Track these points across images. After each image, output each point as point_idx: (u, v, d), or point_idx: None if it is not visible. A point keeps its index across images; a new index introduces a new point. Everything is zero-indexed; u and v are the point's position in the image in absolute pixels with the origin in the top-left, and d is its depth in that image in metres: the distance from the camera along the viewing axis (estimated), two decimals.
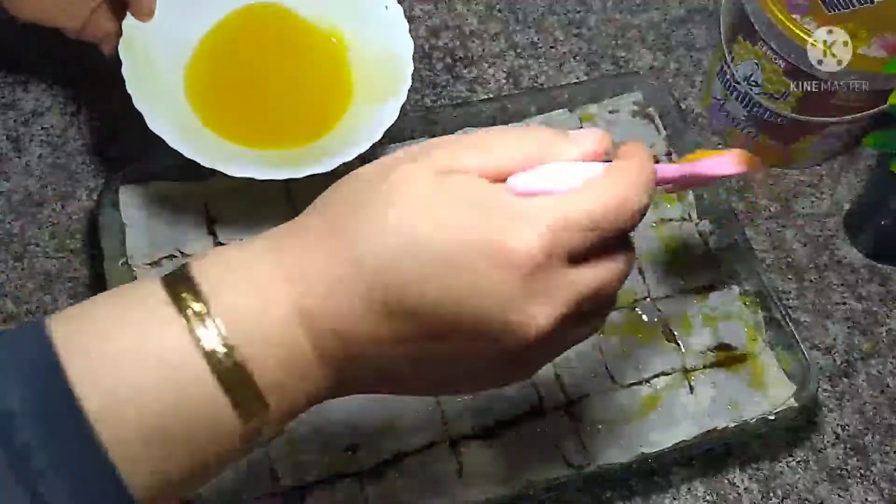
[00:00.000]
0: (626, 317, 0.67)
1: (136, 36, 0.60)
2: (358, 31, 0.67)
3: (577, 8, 0.89)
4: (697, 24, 0.90)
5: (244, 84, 0.65)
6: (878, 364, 0.72)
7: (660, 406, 0.63)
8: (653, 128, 0.76)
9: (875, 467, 0.67)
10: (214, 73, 0.64)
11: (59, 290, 0.66)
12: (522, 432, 0.61)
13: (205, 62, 0.64)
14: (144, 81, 0.59)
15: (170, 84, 0.62)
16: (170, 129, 0.57)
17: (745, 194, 0.79)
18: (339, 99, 0.65)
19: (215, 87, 0.64)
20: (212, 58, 0.65)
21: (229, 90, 0.64)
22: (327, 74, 0.66)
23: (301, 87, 0.66)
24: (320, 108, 0.65)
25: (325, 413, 0.60)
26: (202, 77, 0.64)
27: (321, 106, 0.65)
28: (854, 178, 0.82)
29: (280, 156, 0.61)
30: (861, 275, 0.76)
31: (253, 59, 0.66)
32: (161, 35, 0.62)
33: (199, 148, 0.57)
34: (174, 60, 0.63)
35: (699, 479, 0.65)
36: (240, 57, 0.66)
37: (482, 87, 0.82)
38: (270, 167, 0.58)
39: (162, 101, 0.59)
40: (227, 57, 0.65)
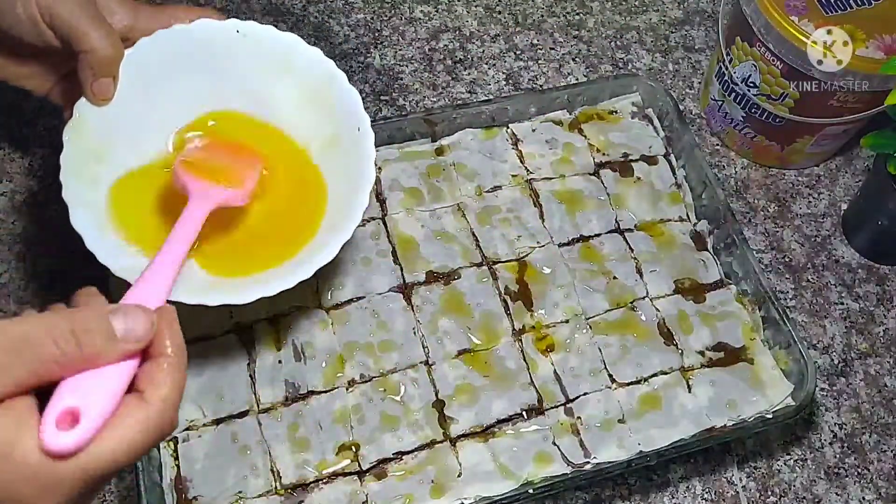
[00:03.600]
0: (624, 316, 0.67)
1: (91, 122, 0.53)
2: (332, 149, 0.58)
3: (576, 10, 0.90)
4: (696, 26, 0.90)
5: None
6: (875, 363, 0.72)
7: (658, 405, 0.63)
8: (651, 129, 0.77)
9: (872, 466, 0.68)
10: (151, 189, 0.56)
11: (61, 290, 0.67)
12: (522, 431, 0.62)
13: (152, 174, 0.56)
14: (84, 174, 0.53)
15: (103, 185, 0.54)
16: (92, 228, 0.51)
17: (744, 195, 0.80)
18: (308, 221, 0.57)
19: (146, 203, 0.55)
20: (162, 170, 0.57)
21: (163, 209, 0.55)
22: (294, 205, 0.58)
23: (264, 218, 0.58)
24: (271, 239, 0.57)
25: (325, 412, 0.61)
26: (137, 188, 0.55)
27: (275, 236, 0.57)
28: (851, 179, 0.82)
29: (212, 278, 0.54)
30: (858, 275, 0.77)
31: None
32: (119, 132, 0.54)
33: (113, 255, 0.51)
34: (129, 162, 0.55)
35: (697, 478, 0.66)
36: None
37: (482, 89, 0.83)
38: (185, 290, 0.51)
39: (95, 200, 0.53)
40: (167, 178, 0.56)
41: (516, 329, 0.66)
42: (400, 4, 0.87)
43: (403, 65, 0.83)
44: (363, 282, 0.66)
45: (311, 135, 0.59)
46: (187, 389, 0.60)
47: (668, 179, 0.75)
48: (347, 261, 0.67)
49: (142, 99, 0.55)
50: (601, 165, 0.74)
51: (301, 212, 0.57)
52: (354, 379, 0.62)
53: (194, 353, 0.62)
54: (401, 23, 0.86)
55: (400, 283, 0.66)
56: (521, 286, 0.68)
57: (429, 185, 0.71)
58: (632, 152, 0.75)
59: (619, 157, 0.75)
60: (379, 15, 0.86)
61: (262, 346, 0.63)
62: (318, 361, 0.62)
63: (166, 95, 0.57)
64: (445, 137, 0.74)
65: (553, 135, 0.75)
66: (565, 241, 0.70)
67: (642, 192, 0.73)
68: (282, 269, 0.54)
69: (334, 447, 0.60)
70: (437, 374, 0.63)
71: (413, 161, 0.72)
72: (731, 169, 0.82)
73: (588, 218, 0.71)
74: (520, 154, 0.74)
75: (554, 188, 0.72)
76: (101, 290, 0.66)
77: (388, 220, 0.69)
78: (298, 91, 0.59)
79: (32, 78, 0.58)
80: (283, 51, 0.58)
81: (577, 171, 0.74)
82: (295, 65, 0.58)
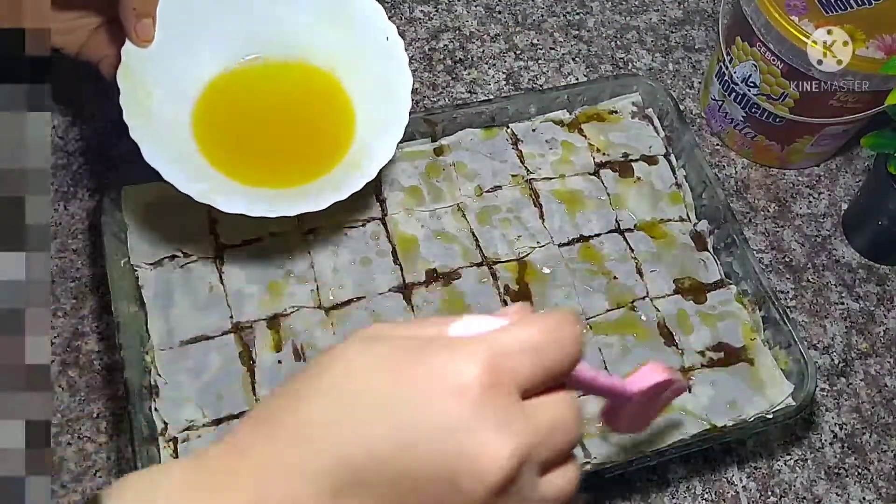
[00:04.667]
0: (625, 316, 0.67)
1: (135, 64, 0.58)
2: (357, 64, 0.65)
3: (576, 10, 0.90)
4: (696, 25, 0.90)
5: (246, 124, 0.64)
6: (876, 363, 0.72)
7: None
8: (651, 129, 0.77)
9: (872, 466, 0.68)
10: (218, 112, 0.63)
11: (61, 290, 0.67)
12: None
13: (208, 100, 0.63)
14: (142, 112, 0.57)
15: (168, 116, 0.60)
16: (165, 161, 0.55)
17: (744, 195, 0.80)
18: (340, 138, 0.64)
19: (217, 125, 0.62)
20: (216, 97, 0.63)
21: (231, 129, 0.63)
22: (329, 116, 0.65)
23: (303, 130, 0.65)
24: (321, 147, 0.64)
25: None
26: (205, 113, 0.62)
27: (322, 146, 0.64)
28: (851, 179, 0.82)
29: (276, 194, 0.59)
30: (858, 275, 0.77)
31: (257, 102, 0.65)
32: (162, 67, 0.59)
33: (194, 181, 0.56)
34: (175, 94, 0.61)
35: (698, 478, 0.65)
36: (244, 100, 0.64)
37: (482, 89, 0.83)
38: (264, 204, 0.57)
39: (159, 133, 0.58)
40: (231, 98, 0.64)
41: None
42: (400, 4, 0.87)
43: None
44: (363, 282, 0.66)
45: (335, 55, 0.65)
46: (186, 390, 0.60)
47: (669, 179, 0.75)
48: (347, 261, 0.67)
49: (178, 35, 0.60)
50: (601, 165, 0.74)
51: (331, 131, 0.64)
52: None
53: (194, 354, 0.62)
54: (401, 23, 0.86)
55: (400, 283, 0.66)
56: (522, 286, 0.67)
57: (429, 185, 0.71)
58: (632, 152, 0.75)
59: (620, 156, 0.75)
60: None
61: (262, 347, 0.62)
62: None
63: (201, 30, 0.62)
64: (445, 137, 0.74)
65: (553, 135, 0.75)
66: (565, 241, 0.70)
67: (642, 192, 0.73)
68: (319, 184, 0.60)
69: None
70: None
71: (413, 161, 0.72)
72: (732, 169, 0.82)
73: (588, 218, 0.71)
74: (520, 154, 0.74)
75: (554, 188, 0.72)
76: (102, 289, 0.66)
77: (388, 220, 0.69)
78: (316, 14, 0.64)
79: (66, 34, 0.59)
80: None
81: (577, 171, 0.74)
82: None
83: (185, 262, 0.65)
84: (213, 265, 0.65)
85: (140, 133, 0.55)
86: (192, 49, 0.62)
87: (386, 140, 0.61)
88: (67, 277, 0.67)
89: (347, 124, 0.64)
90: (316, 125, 0.65)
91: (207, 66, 0.63)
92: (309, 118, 0.65)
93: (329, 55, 0.65)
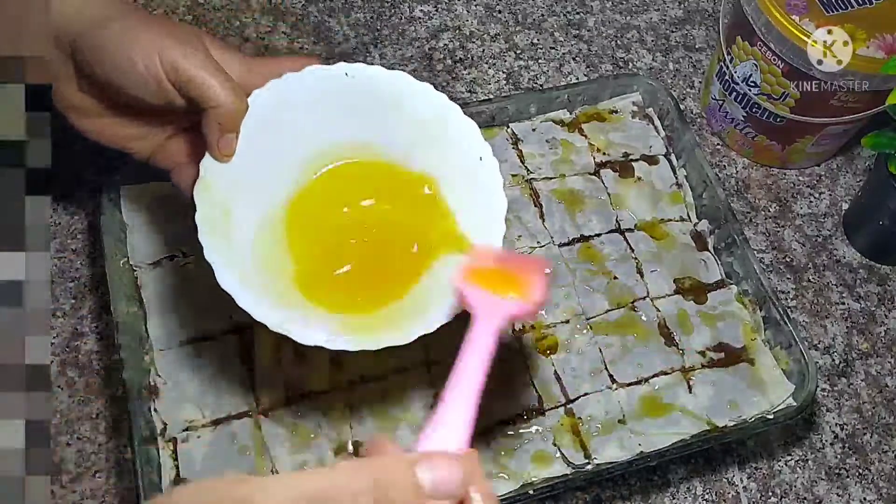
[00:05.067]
0: (625, 317, 0.67)
1: (215, 180, 0.53)
2: (451, 181, 0.58)
3: (576, 9, 0.90)
4: (696, 25, 0.90)
5: (329, 246, 0.57)
6: (877, 364, 0.72)
7: (659, 405, 0.63)
8: (652, 128, 0.77)
9: (873, 466, 0.68)
10: (299, 233, 0.57)
11: (61, 290, 0.67)
12: (522, 432, 0.61)
13: (290, 219, 0.57)
14: (218, 230, 0.52)
15: (245, 237, 0.54)
16: (239, 285, 0.50)
17: (744, 195, 0.80)
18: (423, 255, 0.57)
19: (298, 248, 0.56)
20: (298, 215, 0.57)
21: (313, 251, 0.56)
22: (429, 229, 0.57)
23: (393, 243, 0.57)
24: (406, 265, 0.57)
25: (325, 413, 0.61)
26: (285, 234, 0.56)
27: (404, 267, 0.57)
28: (852, 179, 0.82)
29: (357, 320, 0.54)
30: (859, 275, 0.77)
31: (343, 219, 0.58)
32: (244, 184, 0.54)
33: (270, 308, 0.51)
34: (253, 210, 0.55)
35: (698, 478, 0.65)
36: (328, 217, 0.57)
37: (482, 88, 0.82)
38: (346, 334, 0.51)
39: (235, 255, 0.52)
40: (314, 216, 0.57)
41: (516, 329, 0.65)
42: (400, 4, 0.87)
43: (403, 64, 0.83)
44: None
45: (430, 170, 0.58)
46: (186, 390, 0.60)
47: (669, 179, 0.74)
48: None
49: (260, 151, 0.54)
50: (601, 165, 0.74)
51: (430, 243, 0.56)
52: (354, 379, 0.62)
53: (194, 354, 0.62)
54: (401, 22, 0.86)
55: None
56: None
57: None
58: (632, 152, 0.75)
59: (620, 156, 0.75)
60: (379, 14, 0.86)
61: (262, 347, 0.62)
62: (317, 362, 0.62)
63: (284, 145, 0.56)
64: None
65: (553, 134, 0.75)
66: (565, 241, 0.70)
67: (643, 191, 0.73)
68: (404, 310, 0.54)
69: (334, 448, 0.60)
70: (437, 375, 0.63)
71: None
72: (732, 169, 0.82)
73: (588, 218, 0.71)
74: (520, 154, 0.74)
75: (554, 188, 0.72)
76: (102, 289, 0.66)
77: None
78: (411, 128, 0.58)
79: (139, 140, 0.56)
80: (393, 90, 0.57)
81: (578, 170, 0.74)
82: (406, 102, 0.57)
83: (185, 262, 0.65)
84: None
85: (215, 255, 0.50)
86: (277, 166, 0.56)
87: None
88: (67, 277, 0.67)
89: (445, 238, 0.57)
90: (409, 236, 0.57)
91: (291, 182, 0.57)
92: (402, 224, 0.58)
93: (424, 168, 0.59)
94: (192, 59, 0.49)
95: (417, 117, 0.57)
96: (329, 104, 0.57)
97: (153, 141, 0.56)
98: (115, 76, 0.50)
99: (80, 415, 0.62)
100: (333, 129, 0.57)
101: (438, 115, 0.57)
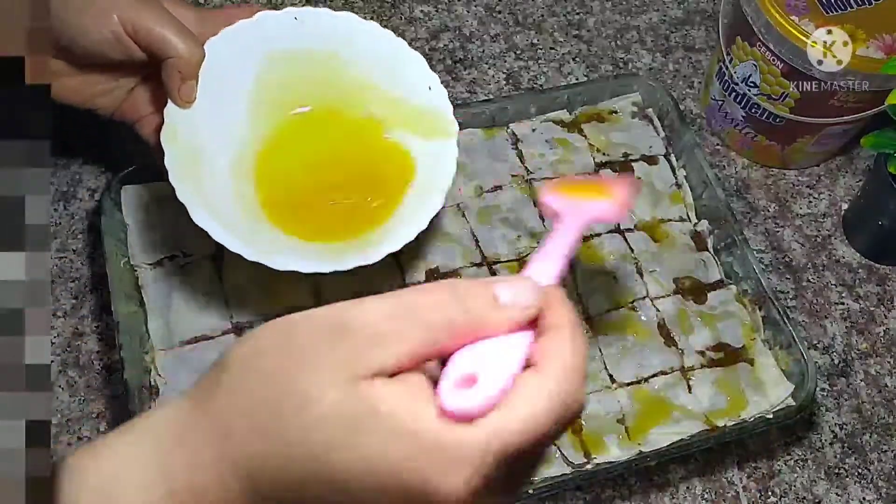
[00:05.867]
0: (624, 317, 0.67)
1: (179, 125, 0.56)
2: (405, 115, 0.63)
3: (576, 10, 0.90)
4: (696, 25, 0.90)
5: (297, 178, 0.61)
6: (876, 363, 0.72)
7: (658, 405, 0.63)
8: (651, 129, 0.77)
9: (873, 466, 0.68)
10: (267, 168, 0.61)
11: (61, 290, 0.67)
12: None
13: (256, 157, 0.61)
14: (188, 172, 0.55)
15: (215, 175, 0.58)
16: (215, 222, 0.54)
17: (744, 195, 0.80)
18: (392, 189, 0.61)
19: (267, 181, 0.60)
20: (264, 153, 0.61)
21: (281, 184, 0.60)
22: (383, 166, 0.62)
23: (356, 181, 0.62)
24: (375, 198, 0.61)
25: None
26: (253, 170, 0.60)
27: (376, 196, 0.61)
28: (851, 179, 0.82)
29: (329, 248, 0.58)
30: (858, 275, 0.77)
31: (307, 156, 0.62)
32: (206, 126, 0.58)
33: (244, 241, 0.54)
34: (220, 153, 0.59)
35: (698, 478, 0.65)
36: (293, 154, 0.62)
37: (482, 89, 0.82)
38: (316, 260, 0.55)
39: (206, 193, 0.56)
40: (279, 153, 0.61)
41: None
42: (400, 4, 0.87)
43: None
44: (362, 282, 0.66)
45: (384, 106, 0.63)
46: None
47: (669, 179, 0.75)
48: None
49: (220, 97, 0.58)
50: (601, 165, 0.74)
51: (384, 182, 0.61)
52: None
53: (194, 354, 0.62)
54: (401, 22, 0.86)
55: (400, 283, 0.66)
56: None
57: None
58: (632, 152, 0.75)
59: (620, 157, 0.75)
60: (379, 15, 0.86)
61: None
62: None
63: (243, 89, 0.60)
64: None
65: (553, 135, 0.75)
66: None
67: (643, 192, 0.73)
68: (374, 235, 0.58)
69: None
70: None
71: None
72: (732, 169, 0.82)
73: None
74: (520, 154, 0.74)
75: None
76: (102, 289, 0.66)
77: None
78: (362, 65, 0.62)
79: (104, 96, 0.59)
80: (342, 30, 0.62)
81: (578, 171, 0.74)
82: (355, 40, 0.62)
83: (185, 262, 0.65)
84: (212, 265, 0.65)
85: (188, 195, 0.54)
86: (239, 108, 0.60)
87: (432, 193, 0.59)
88: (67, 277, 0.67)
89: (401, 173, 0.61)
90: (369, 176, 0.62)
91: (254, 123, 0.61)
92: (362, 169, 0.62)
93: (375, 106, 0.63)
94: (149, 13, 0.53)
95: (367, 55, 0.62)
96: (281, 48, 0.61)
97: (117, 95, 0.59)
98: (76, 38, 0.53)
99: (80, 415, 0.62)
100: (287, 71, 0.62)
101: (387, 50, 0.62)
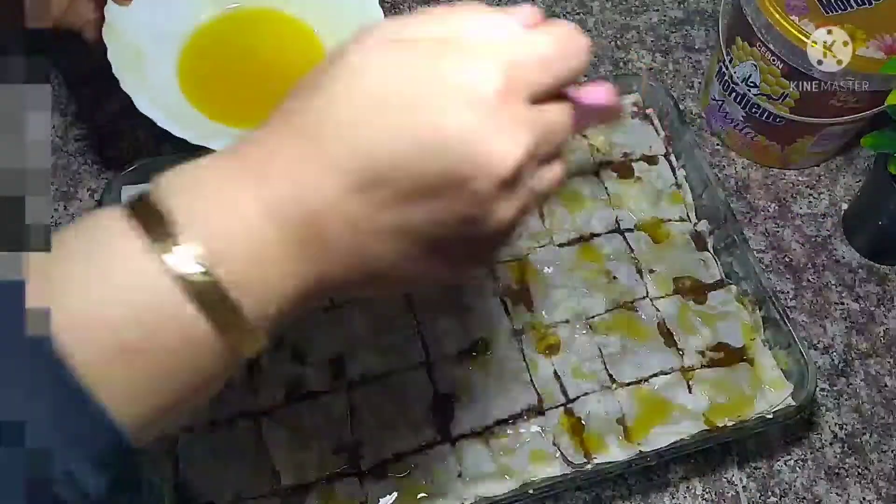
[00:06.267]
0: (625, 316, 0.67)
1: (119, 23, 0.62)
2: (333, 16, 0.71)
3: (576, 10, 0.90)
4: (696, 25, 0.90)
5: (228, 71, 0.69)
6: (876, 364, 0.72)
7: (658, 405, 0.63)
8: (651, 129, 0.77)
9: (872, 466, 0.68)
10: (201, 60, 0.68)
11: None
12: (522, 431, 0.61)
13: (192, 50, 0.68)
14: (131, 66, 0.61)
15: (157, 68, 0.64)
16: (158, 109, 0.59)
17: (744, 195, 0.80)
18: None
19: (202, 72, 0.67)
20: (199, 46, 0.69)
21: (214, 76, 0.68)
22: (306, 59, 0.69)
23: (282, 72, 0.69)
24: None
25: (325, 413, 0.61)
26: (189, 62, 0.68)
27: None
28: (851, 179, 0.82)
29: None
30: (859, 275, 0.77)
31: (237, 50, 0.70)
32: (145, 23, 0.65)
33: (187, 126, 0.59)
34: (160, 47, 0.66)
35: (698, 478, 0.65)
36: (225, 48, 0.70)
37: None
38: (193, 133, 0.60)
39: (149, 84, 0.62)
40: (212, 47, 0.69)
41: (516, 329, 0.66)
42: (400, 4, 0.87)
43: None
44: None
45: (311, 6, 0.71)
46: None
47: (669, 179, 0.74)
48: None
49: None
50: (601, 165, 0.74)
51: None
52: (354, 379, 0.62)
53: None
54: None
55: None
56: (521, 286, 0.67)
57: None
58: (632, 152, 0.75)
59: (620, 156, 0.75)
60: None
61: None
62: (317, 362, 0.62)
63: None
64: None
65: None
66: (565, 241, 0.70)
67: (642, 191, 0.73)
68: None
69: (334, 448, 0.60)
70: (436, 375, 0.63)
71: None
72: (732, 169, 0.82)
73: (588, 218, 0.71)
74: None
75: None
76: None
77: None
78: None
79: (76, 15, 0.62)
80: None
81: (578, 170, 0.74)
82: None
83: None
84: None
85: (132, 85, 0.59)
86: (176, 8, 0.68)
87: None
88: None
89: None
90: (293, 70, 0.67)
91: (188, 17, 0.69)
92: (286, 64, 0.70)
93: (305, 5, 0.71)
94: None
95: None
96: None
97: (59, 3, 0.61)
98: None
99: None
100: None
101: None
